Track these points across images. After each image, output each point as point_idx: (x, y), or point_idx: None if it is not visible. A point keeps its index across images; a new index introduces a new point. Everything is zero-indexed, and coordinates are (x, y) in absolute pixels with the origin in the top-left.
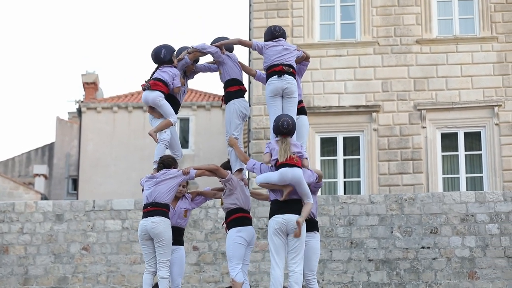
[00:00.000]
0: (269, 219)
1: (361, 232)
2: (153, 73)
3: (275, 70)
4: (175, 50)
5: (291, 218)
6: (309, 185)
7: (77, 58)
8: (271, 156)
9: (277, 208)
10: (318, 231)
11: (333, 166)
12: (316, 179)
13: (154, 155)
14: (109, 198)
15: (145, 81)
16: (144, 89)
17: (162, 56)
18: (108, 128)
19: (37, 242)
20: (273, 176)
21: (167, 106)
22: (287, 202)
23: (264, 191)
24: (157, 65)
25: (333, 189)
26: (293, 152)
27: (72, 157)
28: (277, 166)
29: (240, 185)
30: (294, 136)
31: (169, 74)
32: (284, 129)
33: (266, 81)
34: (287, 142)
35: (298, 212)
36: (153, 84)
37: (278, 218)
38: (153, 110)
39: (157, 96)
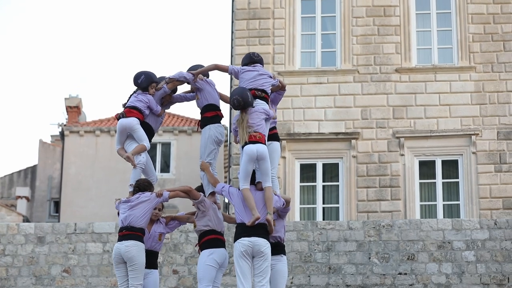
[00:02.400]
0: (234, 241)
1: (339, 257)
2: (129, 98)
3: None
4: (154, 81)
5: (258, 241)
6: (277, 210)
7: (60, 81)
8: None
9: (243, 231)
10: (285, 254)
11: (312, 192)
12: (283, 204)
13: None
14: (90, 220)
15: (122, 108)
16: (118, 118)
17: (139, 82)
18: (91, 151)
19: (18, 264)
20: (243, 162)
21: (141, 132)
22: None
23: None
24: (135, 88)
25: (312, 214)
26: (250, 127)
27: (54, 180)
28: (242, 146)
29: (212, 207)
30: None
31: (143, 102)
32: (235, 107)
33: None
34: (244, 120)
35: (264, 235)
36: (128, 111)
37: (244, 241)
38: (122, 149)
39: (132, 121)
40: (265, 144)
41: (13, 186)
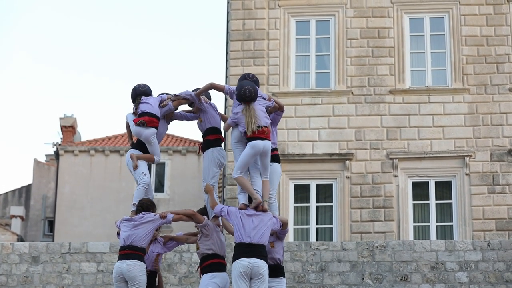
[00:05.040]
0: (233, 261)
1: (332, 278)
2: (138, 104)
3: None
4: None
5: (257, 262)
6: (274, 232)
7: (55, 101)
8: (231, 126)
9: (242, 251)
10: (284, 276)
11: (306, 212)
12: (281, 226)
13: (130, 198)
14: (84, 240)
15: (133, 110)
16: (138, 125)
17: (146, 88)
18: (85, 171)
19: (12, 283)
20: (246, 154)
21: (156, 145)
22: (252, 246)
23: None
24: (137, 96)
25: (305, 235)
26: (259, 125)
27: (48, 199)
28: (248, 138)
29: (216, 231)
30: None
31: (155, 104)
32: (246, 97)
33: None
34: (251, 110)
35: (263, 257)
36: (149, 121)
37: (244, 261)
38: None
39: (151, 134)
40: (270, 140)
41: (7, 205)
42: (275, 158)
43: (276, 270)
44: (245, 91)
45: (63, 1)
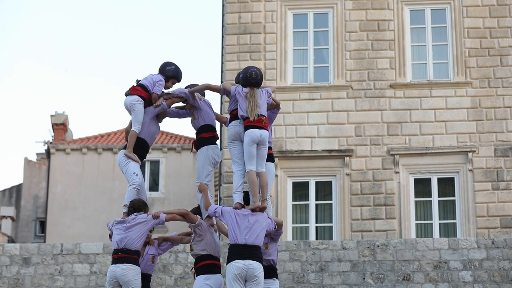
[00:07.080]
0: (227, 263)
1: (332, 278)
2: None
3: (235, 114)
4: (177, 79)
5: (252, 264)
6: (269, 233)
7: (46, 98)
8: (227, 89)
9: (237, 253)
10: (277, 278)
11: (305, 210)
12: (275, 227)
13: (123, 197)
14: (77, 240)
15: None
16: (126, 95)
17: (167, 69)
18: (77, 169)
19: (3, 286)
20: (246, 144)
21: (138, 112)
22: (247, 247)
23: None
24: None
25: (304, 234)
26: (258, 114)
27: (40, 199)
28: (245, 125)
29: (210, 231)
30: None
31: (151, 80)
32: (252, 79)
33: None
34: (254, 95)
35: (258, 258)
36: (132, 89)
37: (238, 263)
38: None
39: (134, 100)
40: (267, 130)
41: None
42: (269, 157)
43: (269, 272)
44: (251, 73)
45: (57, 2)
